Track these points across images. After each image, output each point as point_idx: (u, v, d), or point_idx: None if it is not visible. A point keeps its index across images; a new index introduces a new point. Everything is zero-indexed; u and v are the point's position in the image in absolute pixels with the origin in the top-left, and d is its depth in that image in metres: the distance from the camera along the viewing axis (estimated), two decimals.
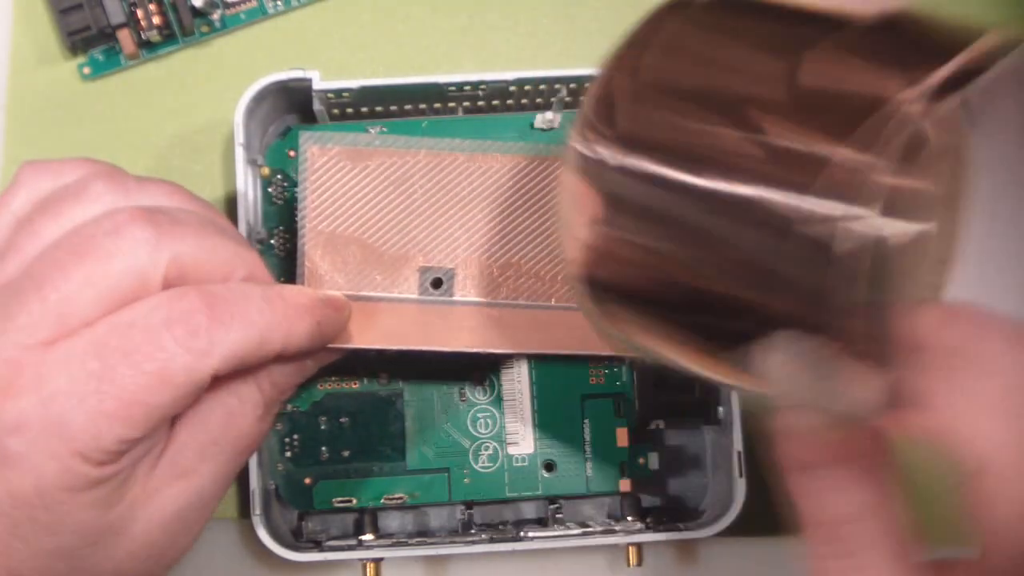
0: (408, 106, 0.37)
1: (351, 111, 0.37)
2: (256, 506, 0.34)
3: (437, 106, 0.37)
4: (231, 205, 0.38)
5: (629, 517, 0.37)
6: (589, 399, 0.37)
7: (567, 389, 0.37)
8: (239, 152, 0.36)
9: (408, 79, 0.36)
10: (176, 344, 0.26)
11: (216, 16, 0.40)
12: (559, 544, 0.35)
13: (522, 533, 0.35)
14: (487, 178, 0.34)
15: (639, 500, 0.37)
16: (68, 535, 0.27)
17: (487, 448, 0.37)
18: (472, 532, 0.37)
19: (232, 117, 0.36)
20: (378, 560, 0.35)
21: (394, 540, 0.36)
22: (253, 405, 0.30)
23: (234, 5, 0.40)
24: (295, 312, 0.29)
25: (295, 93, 0.37)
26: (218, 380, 0.28)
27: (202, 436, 0.29)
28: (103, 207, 0.28)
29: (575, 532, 0.35)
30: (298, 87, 0.36)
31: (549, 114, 0.37)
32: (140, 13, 0.39)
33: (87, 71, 0.40)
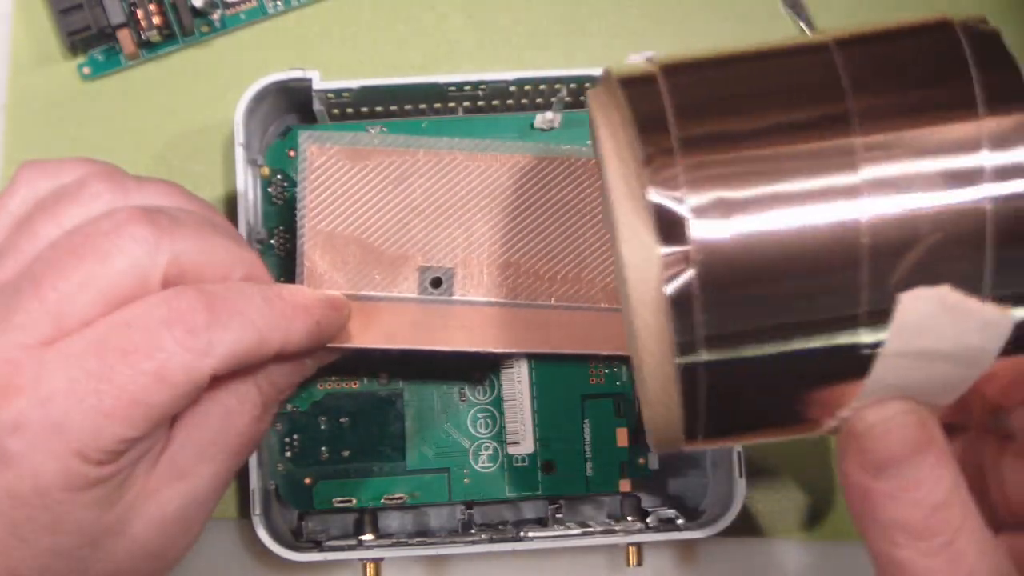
0: (408, 106, 0.37)
1: (351, 111, 0.37)
2: (256, 506, 0.34)
3: (437, 106, 0.37)
4: (231, 205, 0.38)
5: (629, 517, 0.37)
6: (589, 399, 0.37)
7: (567, 389, 0.37)
8: (239, 152, 0.36)
9: (408, 79, 0.36)
10: (175, 343, 0.26)
11: (216, 16, 0.40)
12: (559, 544, 0.35)
13: (522, 533, 0.35)
14: (487, 178, 0.34)
15: (639, 500, 0.37)
16: (67, 535, 0.27)
17: (487, 448, 0.37)
18: (472, 532, 0.37)
19: (232, 117, 0.36)
20: (378, 560, 0.35)
21: (394, 540, 0.36)
22: (252, 405, 0.30)
23: (234, 5, 0.40)
24: (294, 312, 0.29)
25: (295, 93, 0.37)
26: (217, 380, 0.28)
27: (201, 436, 0.29)
28: (102, 207, 0.28)
29: (575, 532, 0.35)
30: (298, 87, 0.36)
31: (549, 114, 0.37)
32: (140, 13, 0.39)
33: (87, 71, 0.40)
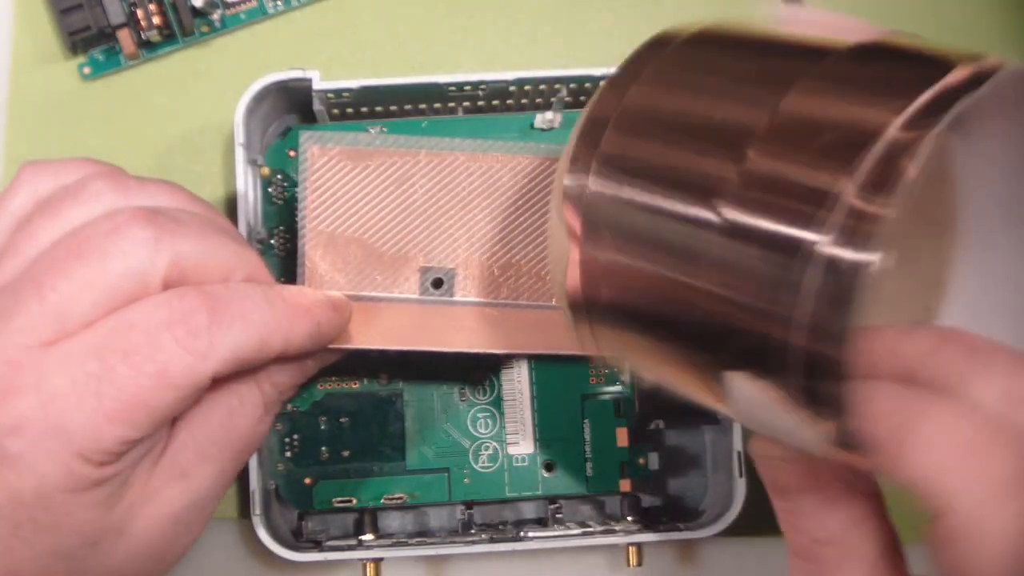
0: (408, 106, 0.37)
1: (351, 111, 0.37)
2: (256, 506, 0.34)
3: (437, 106, 0.37)
4: (231, 205, 0.38)
5: (629, 517, 0.37)
6: (589, 399, 0.37)
7: (567, 389, 0.37)
8: (239, 152, 0.36)
9: (408, 79, 0.36)
10: (176, 345, 0.26)
11: (216, 16, 0.40)
12: (559, 544, 0.35)
13: (522, 533, 0.35)
14: (487, 178, 0.34)
15: (639, 500, 0.37)
16: (68, 535, 0.27)
17: (487, 448, 0.37)
18: (472, 532, 0.37)
19: (232, 117, 0.36)
20: (378, 560, 0.35)
21: (394, 540, 0.36)
22: (253, 405, 0.30)
23: (234, 5, 0.40)
24: (295, 313, 0.29)
25: (295, 93, 0.37)
26: (218, 381, 0.28)
27: (202, 437, 0.29)
28: (103, 208, 0.28)
29: (575, 532, 0.35)
30: (298, 87, 0.36)
31: (549, 114, 0.37)
32: (140, 13, 0.39)
33: (87, 71, 0.40)
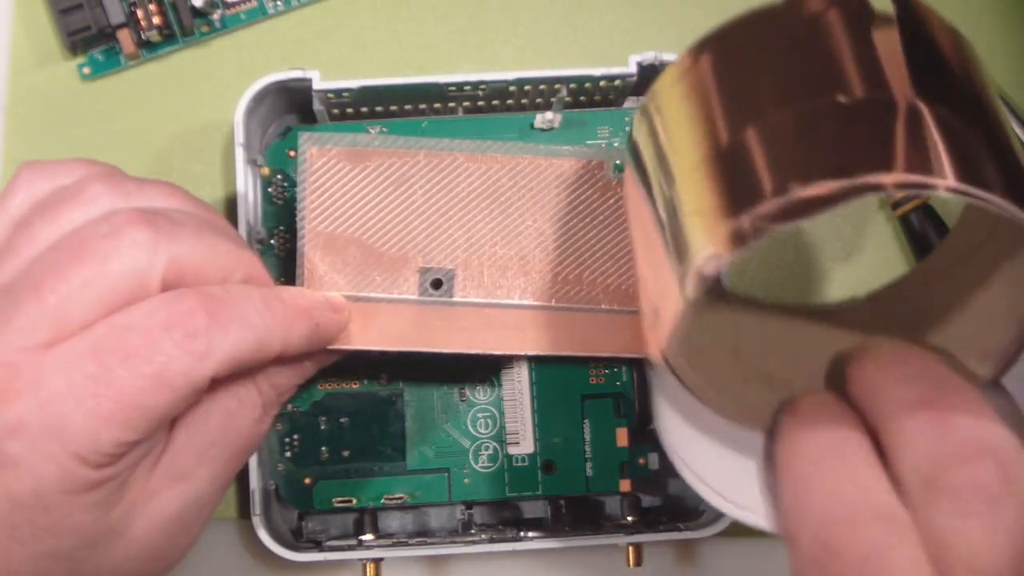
0: (408, 106, 0.37)
1: (351, 111, 0.37)
2: (256, 506, 0.34)
3: (437, 106, 0.37)
4: (231, 205, 0.38)
5: (629, 517, 0.37)
6: (589, 399, 0.37)
7: (567, 389, 0.37)
8: (239, 152, 0.36)
9: (408, 79, 0.36)
10: (174, 346, 0.26)
11: (216, 16, 0.40)
12: (559, 544, 0.35)
13: (522, 533, 0.35)
14: (487, 179, 0.34)
15: (639, 500, 0.37)
16: (67, 537, 0.27)
17: (487, 448, 0.36)
18: (472, 532, 0.37)
19: (232, 117, 0.36)
20: (378, 560, 0.35)
21: (394, 540, 0.36)
22: (252, 407, 0.30)
23: (234, 5, 0.40)
24: (294, 314, 0.29)
25: (295, 93, 0.37)
26: (217, 382, 0.28)
27: (201, 438, 0.29)
28: (101, 209, 0.28)
29: (575, 532, 0.35)
30: (298, 87, 0.36)
31: (549, 114, 0.37)
32: (140, 13, 0.39)
33: (87, 71, 0.40)
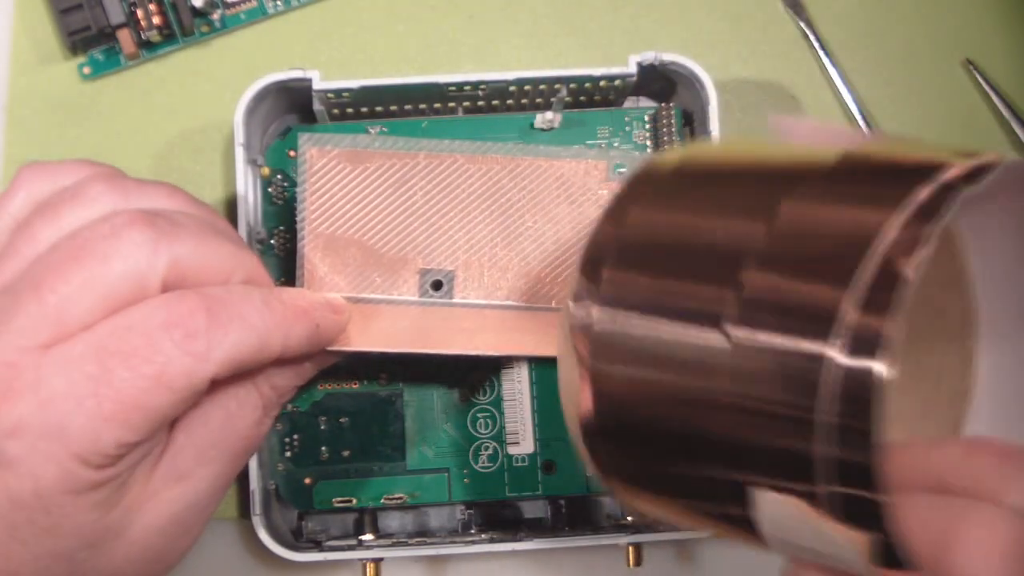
0: (408, 106, 0.37)
1: (351, 111, 0.37)
2: (256, 506, 0.34)
3: (437, 106, 0.37)
4: (231, 205, 0.38)
5: (629, 517, 0.37)
6: None
7: None
8: (239, 152, 0.36)
9: (408, 79, 0.36)
10: (175, 347, 0.26)
11: (216, 16, 0.40)
12: (559, 544, 0.35)
13: (522, 533, 0.35)
14: (487, 180, 0.34)
15: None
16: (67, 538, 0.27)
17: (487, 448, 0.37)
18: (472, 532, 0.37)
19: (232, 117, 0.36)
20: (378, 560, 0.35)
21: (394, 540, 0.36)
22: (252, 408, 0.30)
23: (234, 5, 0.40)
24: (294, 315, 0.29)
25: (295, 93, 0.37)
26: (217, 383, 0.28)
27: (201, 439, 0.29)
28: (102, 210, 0.28)
29: (575, 532, 0.35)
30: (298, 87, 0.36)
31: (549, 114, 0.37)
32: (140, 13, 0.39)
33: (87, 71, 0.40)
